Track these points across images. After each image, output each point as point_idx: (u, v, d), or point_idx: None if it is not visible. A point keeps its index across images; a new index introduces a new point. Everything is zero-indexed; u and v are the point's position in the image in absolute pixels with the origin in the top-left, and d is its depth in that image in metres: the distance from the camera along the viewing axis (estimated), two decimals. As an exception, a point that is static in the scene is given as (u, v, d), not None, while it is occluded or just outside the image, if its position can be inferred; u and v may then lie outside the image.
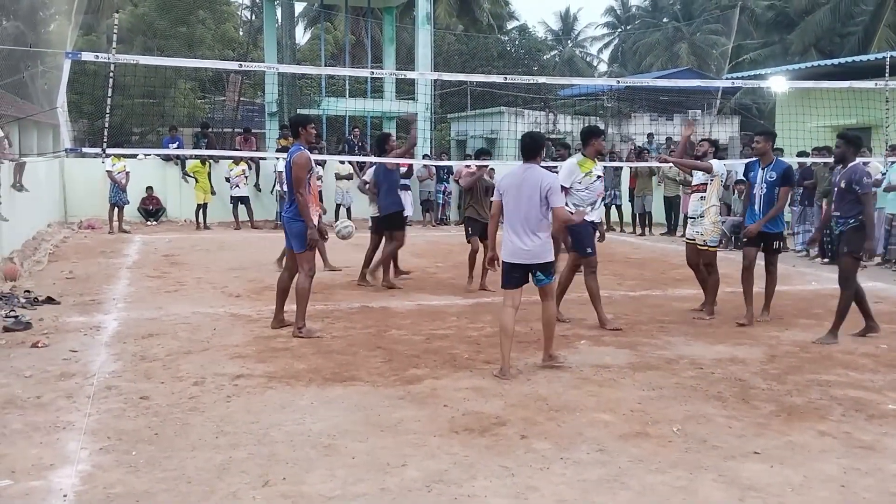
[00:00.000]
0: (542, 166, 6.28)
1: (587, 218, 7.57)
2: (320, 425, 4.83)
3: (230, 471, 4.17)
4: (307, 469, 4.19)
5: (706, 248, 8.47)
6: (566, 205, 7.29)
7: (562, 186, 7.10)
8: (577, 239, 7.75)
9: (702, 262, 8.53)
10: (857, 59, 18.86)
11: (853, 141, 7.41)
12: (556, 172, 7.46)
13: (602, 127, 28.56)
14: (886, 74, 11.65)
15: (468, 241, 10.19)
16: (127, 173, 17.02)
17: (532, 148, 6.20)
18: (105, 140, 9.20)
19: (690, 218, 8.67)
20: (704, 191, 8.45)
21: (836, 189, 7.37)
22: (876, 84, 12.12)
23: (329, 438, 4.62)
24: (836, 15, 30.05)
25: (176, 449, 4.47)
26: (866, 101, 13.74)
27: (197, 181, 17.88)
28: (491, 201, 9.56)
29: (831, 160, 12.91)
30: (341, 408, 5.18)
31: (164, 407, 5.19)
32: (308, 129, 7.39)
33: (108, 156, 11.25)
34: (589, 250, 7.81)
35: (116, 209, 16.76)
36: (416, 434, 4.71)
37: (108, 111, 9.16)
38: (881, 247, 12.59)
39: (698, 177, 8.56)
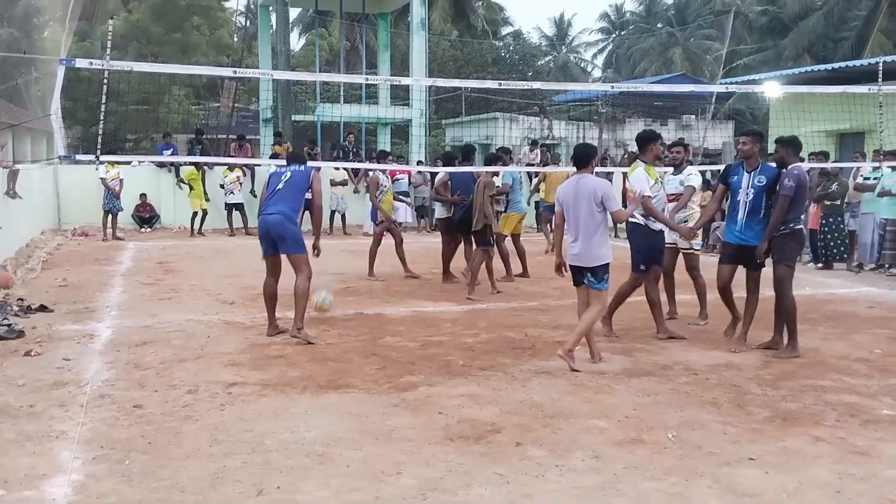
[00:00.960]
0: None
1: (653, 227, 7.56)
2: (314, 433, 4.81)
3: (224, 480, 4.15)
4: (301, 477, 4.17)
5: (691, 251, 8.50)
6: (634, 215, 7.49)
7: (643, 196, 7.25)
8: (637, 253, 7.62)
9: (687, 267, 8.54)
10: (850, 64, 18.92)
11: (790, 143, 7.23)
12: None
13: (597, 132, 28.70)
14: (879, 79, 11.68)
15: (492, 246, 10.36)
16: (121, 180, 16.97)
17: (584, 157, 6.65)
18: (99, 147, 9.15)
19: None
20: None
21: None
22: (869, 89, 12.15)
23: (323, 446, 4.60)
24: (829, 20, 30.16)
25: (170, 458, 4.45)
26: (860, 105, 13.78)
27: (192, 189, 17.83)
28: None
29: (826, 165, 12.99)
30: (336, 415, 5.16)
31: (158, 415, 5.17)
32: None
33: (101, 163, 11.20)
34: (642, 267, 7.63)
35: (110, 216, 16.72)
36: (411, 442, 4.70)
37: (101, 118, 9.12)
38: (874, 252, 12.63)
39: (675, 186, 8.50)
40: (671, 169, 8.75)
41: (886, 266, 12.31)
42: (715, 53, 37.73)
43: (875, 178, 12.43)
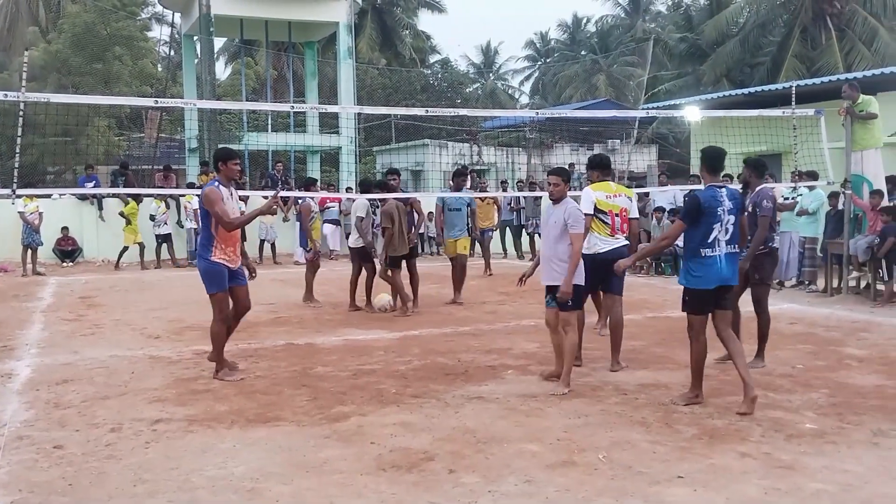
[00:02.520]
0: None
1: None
2: (243, 468, 4.71)
3: (148, 520, 4.03)
4: (229, 515, 4.07)
5: None
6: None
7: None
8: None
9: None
10: (765, 88, 19.57)
11: (756, 166, 7.54)
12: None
13: (526, 157, 29.07)
14: (793, 103, 12.10)
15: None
16: (40, 214, 16.47)
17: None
18: (15, 181, 8.87)
19: None
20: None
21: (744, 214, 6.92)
22: (783, 112, 12.58)
23: (252, 482, 4.50)
24: (745, 46, 31.18)
25: (91, 500, 4.30)
26: (775, 128, 14.22)
27: (129, 223, 17.38)
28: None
29: (737, 186, 13.41)
30: (265, 449, 5.06)
31: (79, 456, 4.99)
32: (230, 165, 7.02)
33: (18, 196, 10.86)
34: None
35: (30, 251, 16.19)
36: (343, 473, 4.63)
37: (17, 151, 8.86)
38: (795, 269, 13.02)
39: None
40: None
41: (806, 283, 12.70)
42: (637, 79, 38.68)
43: (793, 198, 12.83)
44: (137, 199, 17.43)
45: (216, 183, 6.95)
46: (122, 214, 17.65)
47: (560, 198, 6.58)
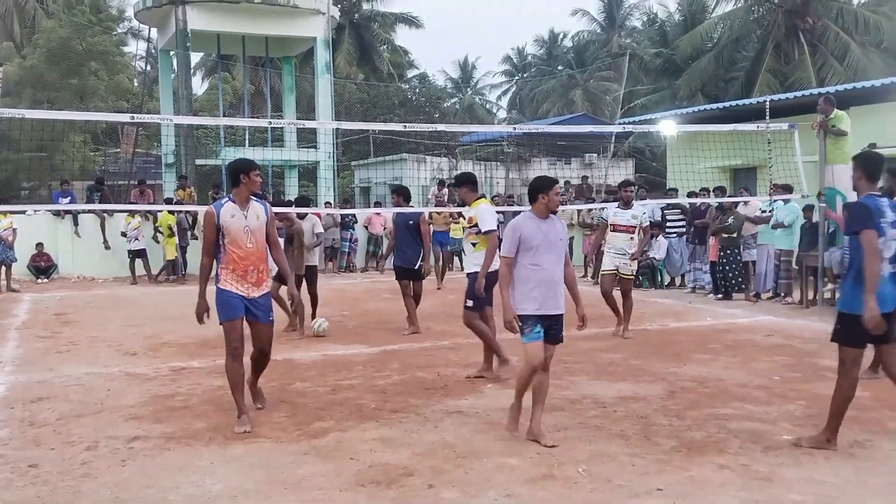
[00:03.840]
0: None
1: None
2: (220, 486, 4.66)
3: (124, 540, 3.98)
4: (207, 533, 4.03)
5: (629, 276, 9.95)
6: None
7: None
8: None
9: (622, 289, 9.85)
10: (740, 102, 19.78)
11: None
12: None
13: (504, 172, 29.15)
14: (767, 117, 12.26)
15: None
16: (14, 230, 16.30)
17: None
18: (-11, 196, 8.79)
19: (616, 253, 9.96)
20: (633, 231, 9.97)
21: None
22: (758, 126, 12.73)
23: (230, 500, 4.46)
24: (719, 61, 31.51)
25: (66, 520, 4.25)
26: (750, 142, 14.40)
27: (172, 234, 17.39)
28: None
29: (710, 200, 13.67)
30: (243, 466, 5.02)
31: (55, 475, 4.93)
32: (253, 177, 6.03)
33: (-7, 213, 10.76)
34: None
35: (3, 267, 16.00)
36: (321, 490, 4.60)
37: (-9, 166, 8.77)
38: (771, 281, 13.16)
39: (627, 218, 9.96)
40: (614, 204, 10.34)
41: (783, 295, 12.81)
42: (613, 94, 38.93)
43: (769, 211, 12.97)
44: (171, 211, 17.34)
45: (225, 201, 6.08)
46: (157, 229, 17.52)
47: (554, 211, 5.73)
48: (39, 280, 17.51)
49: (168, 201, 19.13)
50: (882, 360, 5.45)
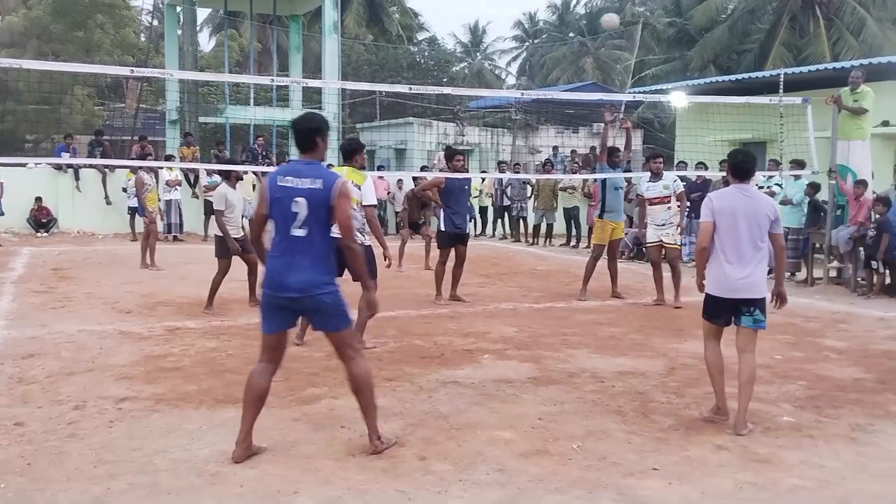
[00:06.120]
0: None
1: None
2: (208, 451, 4.57)
3: (106, 503, 3.89)
4: (191, 499, 3.95)
5: (675, 246, 10.10)
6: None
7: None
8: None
9: (669, 259, 10.05)
10: (753, 75, 19.50)
11: None
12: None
13: (511, 139, 28.89)
14: (780, 90, 12.01)
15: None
16: (0, 184, 16.15)
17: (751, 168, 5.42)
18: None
19: (658, 226, 10.10)
20: (669, 202, 10.08)
21: None
22: (770, 100, 12.48)
23: (217, 465, 4.37)
24: (733, 33, 31.07)
25: (49, 480, 4.16)
26: (761, 116, 14.13)
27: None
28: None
29: (704, 173, 13.58)
30: (232, 431, 4.88)
31: (40, 434, 4.85)
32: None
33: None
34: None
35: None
36: (311, 458, 4.51)
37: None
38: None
39: (659, 190, 10.08)
40: (647, 174, 10.46)
41: (791, 273, 12.65)
42: (624, 63, 38.46)
43: (769, 187, 12.74)
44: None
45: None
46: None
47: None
48: (39, 234, 17.41)
49: (169, 158, 18.91)
50: None
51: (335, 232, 4.45)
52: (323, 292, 4.40)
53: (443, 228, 9.90)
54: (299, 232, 4.35)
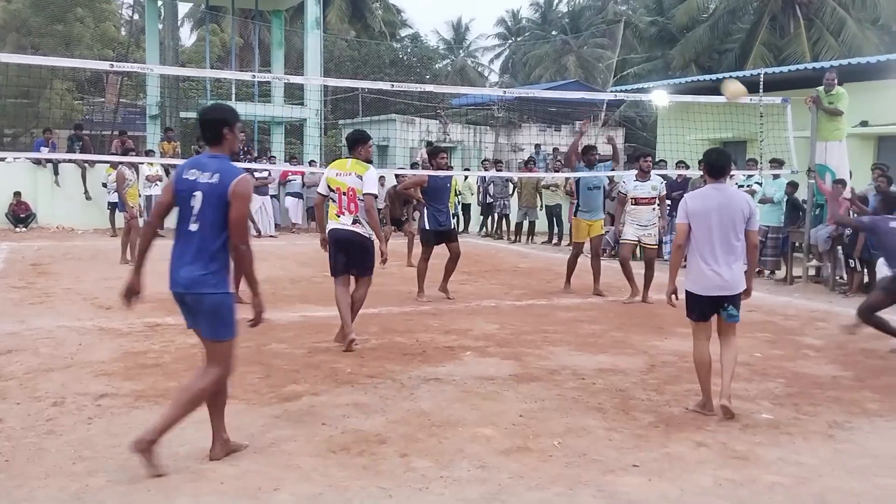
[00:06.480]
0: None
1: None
2: (188, 448, 4.55)
3: (86, 500, 3.87)
4: (170, 497, 3.92)
5: (653, 246, 10.29)
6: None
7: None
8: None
9: (646, 258, 10.21)
10: (733, 75, 19.58)
11: None
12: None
13: (493, 136, 28.92)
14: (761, 90, 12.09)
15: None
16: None
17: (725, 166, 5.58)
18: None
19: (640, 225, 10.18)
20: (654, 203, 10.20)
21: None
22: (751, 99, 12.57)
23: (197, 462, 4.35)
24: (714, 32, 31.25)
25: (27, 477, 4.13)
26: (742, 115, 14.23)
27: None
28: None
29: (686, 172, 13.70)
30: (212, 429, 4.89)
31: (18, 430, 4.81)
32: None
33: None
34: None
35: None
36: (291, 455, 4.50)
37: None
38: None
39: (647, 190, 10.13)
40: (632, 176, 10.39)
41: (771, 271, 12.75)
42: (606, 62, 38.60)
43: (748, 186, 12.83)
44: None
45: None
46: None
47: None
48: (17, 229, 17.26)
49: (149, 153, 18.77)
50: None
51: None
52: (206, 292, 4.22)
53: (427, 227, 9.91)
54: (193, 227, 4.26)
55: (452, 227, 10.23)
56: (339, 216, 7.12)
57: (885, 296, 7.49)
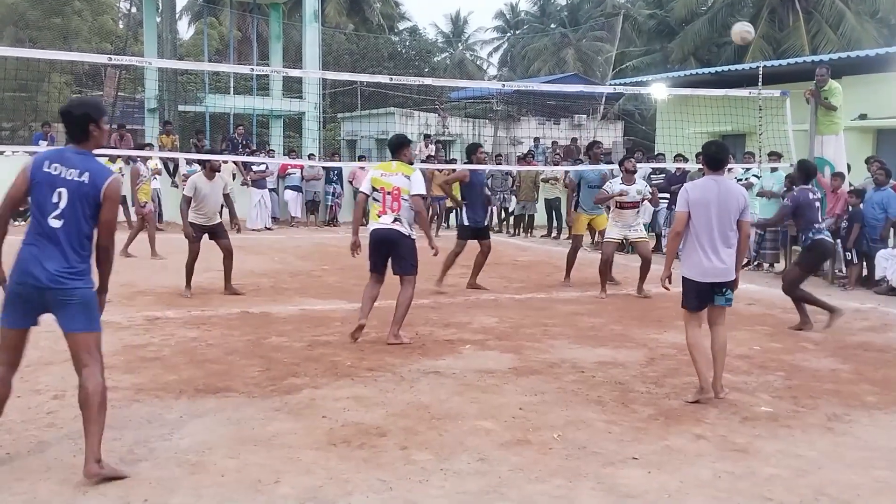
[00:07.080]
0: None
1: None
2: (188, 441, 4.56)
3: (87, 493, 3.88)
4: (171, 489, 3.94)
5: (643, 238, 10.30)
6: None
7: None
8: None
9: (640, 252, 10.14)
10: (732, 68, 19.62)
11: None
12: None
13: (492, 129, 28.91)
14: (759, 83, 12.10)
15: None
16: None
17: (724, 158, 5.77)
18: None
19: (624, 225, 10.11)
20: (640, 206, 10.27)
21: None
22: (750, 93, 12.58)
23: (197, 455, 4.36)
24: (713, 25, 31.21)
25: (29, 470, 4.14)
26: (741, 108, 14.24)
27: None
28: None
29: (685, 165, 13.71)
30: (213, 421, 4.91)
31: (19, 423, 4.82)
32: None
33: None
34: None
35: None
36: (292, 448, 4.51)
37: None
38: (752, 250, 13.10)
39: (633, 195, 10.03)
40: (617, 179, 10.23)
41: (766, 265, 12.77)
42: (605, 55, 38.59)
43: (746, 179, 12.84)
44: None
45: None
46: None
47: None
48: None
49: (147, 147, 18.71)
50: None
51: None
52: (73, 287, 4.15)
53: (465, 223, 10.13)
54: (56, 223, 4.16)
55: (486, 223, 10.41)
56: (380, 216, 7.17)
57: (802, 268, 8.24)
